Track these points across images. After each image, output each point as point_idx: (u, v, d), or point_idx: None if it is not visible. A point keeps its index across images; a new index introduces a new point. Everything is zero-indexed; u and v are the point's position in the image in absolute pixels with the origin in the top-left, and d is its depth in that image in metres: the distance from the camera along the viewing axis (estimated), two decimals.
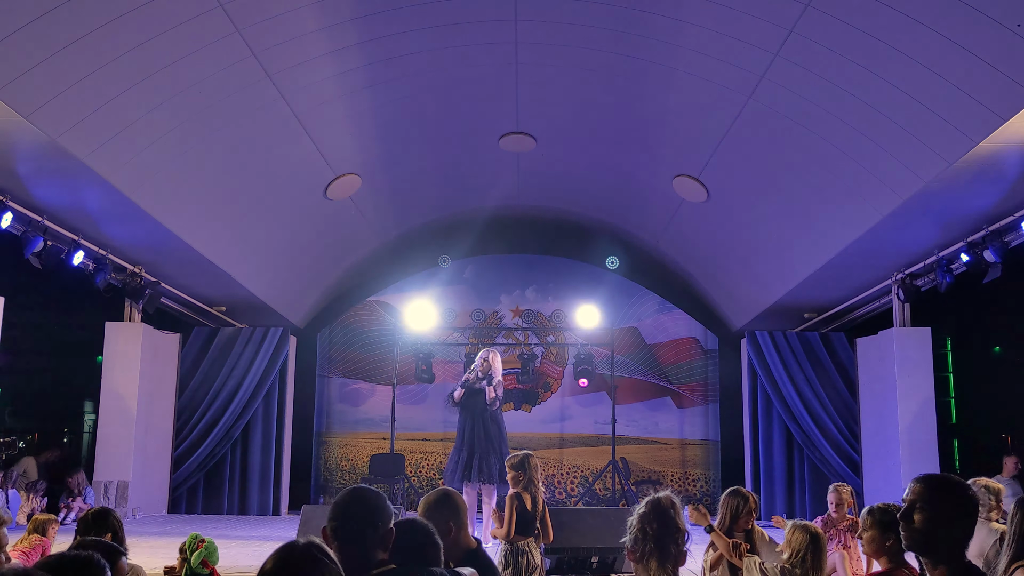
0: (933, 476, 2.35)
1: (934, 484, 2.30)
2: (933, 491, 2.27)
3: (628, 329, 13.66)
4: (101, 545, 2.57)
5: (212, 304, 12.35)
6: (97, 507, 3.56)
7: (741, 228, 10.92)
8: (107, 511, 3.59)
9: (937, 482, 2.31)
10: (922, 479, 2.33)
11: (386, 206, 11.98)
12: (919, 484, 2.30)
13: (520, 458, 5.25)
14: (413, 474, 13.09)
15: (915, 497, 2.27)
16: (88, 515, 3.56)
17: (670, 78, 8.31)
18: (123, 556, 2.65)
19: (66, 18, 5.79)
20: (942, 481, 2.32)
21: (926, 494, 2.26)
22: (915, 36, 6.03)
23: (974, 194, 7.75)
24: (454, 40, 8.13)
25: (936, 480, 2.32)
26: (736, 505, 4.74)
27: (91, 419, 16.02)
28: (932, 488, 2.28)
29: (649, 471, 13.38)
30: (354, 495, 2.59)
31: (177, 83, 7.09)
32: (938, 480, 2.32)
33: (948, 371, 15.04)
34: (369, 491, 2.62)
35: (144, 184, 8.03)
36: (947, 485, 2.30)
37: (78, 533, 3.53)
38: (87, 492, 10.90)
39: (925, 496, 2.26)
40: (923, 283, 10.00)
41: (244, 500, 12.25)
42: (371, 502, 2.56)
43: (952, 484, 2.31)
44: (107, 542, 2.78)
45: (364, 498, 2.58)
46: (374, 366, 13.60)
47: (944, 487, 2.29)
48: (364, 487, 2.66)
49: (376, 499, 2.59)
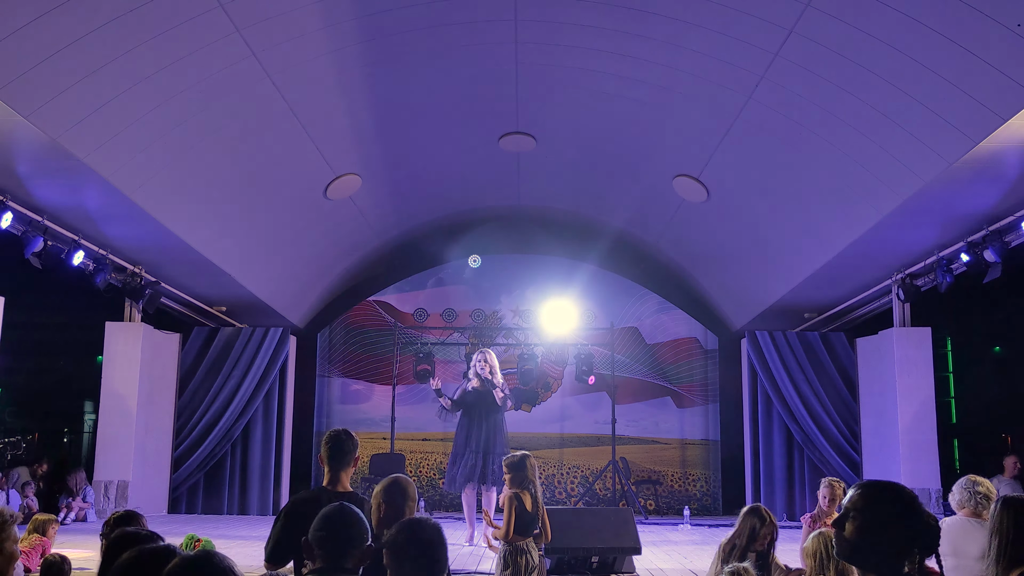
0: (871, 482, 2.25)
1: (869, 490, 2.20)
2: (866, 498, 2.18)
3: (628, 329, 13.66)
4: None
5: (212, 304, 12.35)
6: (123, 510, 3.63)
7: (741, 228, 10.92)
8: (134, 514, 3.64)
9: (872, 488, 2.21)
10: (860, 485, 2.25)
11: (386, 206, 11.99)
12: (855, 490, 2.22)
13: (518, 459, 5.26)
14: (413, 474, 13.09)
15: (850, 504, 2.19)
16: (113, 518, 3.61)
17: (670, 78, 8.31)
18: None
19: (66, 18, 5.79)
20: (877, 487, 2.21)
21: (859, 501, 2.17)
22: (915, 36, 6.03)
23: (974, 194, 7.75)
24: (454, 40, 8.13)
25: (872, 486, 2.22)
26: (753, 525, 4.70)
27: (91, 419, 16.03)
28: (866, 494, 2.18)
29: (649, 471, 13.38)
30: (340, 514, 2.70)
31: (177, 83, 7.09)
32: (874, 486, 2.22)
33: (948, 371, 15.05)
34: (351, 510, 2.74)
35: (144, 184, 8.03)
36: (880, 491, 2.20)
37: (104, 536, 3.57)
38: (87, 492, 10.90)
39: (858, 503, 2.17)
40: (923, 283, 10.00)
41: (244, 500, 12.25)
42: (354, 524, 2.71)
43: (885, 489, 2.20)
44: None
45: (347, 518, 2.71)
46: (374, 366, 13.60)
47: (877, 493, 2.19)
48: (346, 505, 2.75)
49: (358, 521, 2.72)
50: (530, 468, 5.19)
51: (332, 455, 3.83)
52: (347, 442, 3.86)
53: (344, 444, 3.85)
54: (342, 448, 3.84)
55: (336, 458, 3.83)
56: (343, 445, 3.84)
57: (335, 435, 3.88)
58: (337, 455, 3.83)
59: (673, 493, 13.30)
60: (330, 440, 3.87)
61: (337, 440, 3.86)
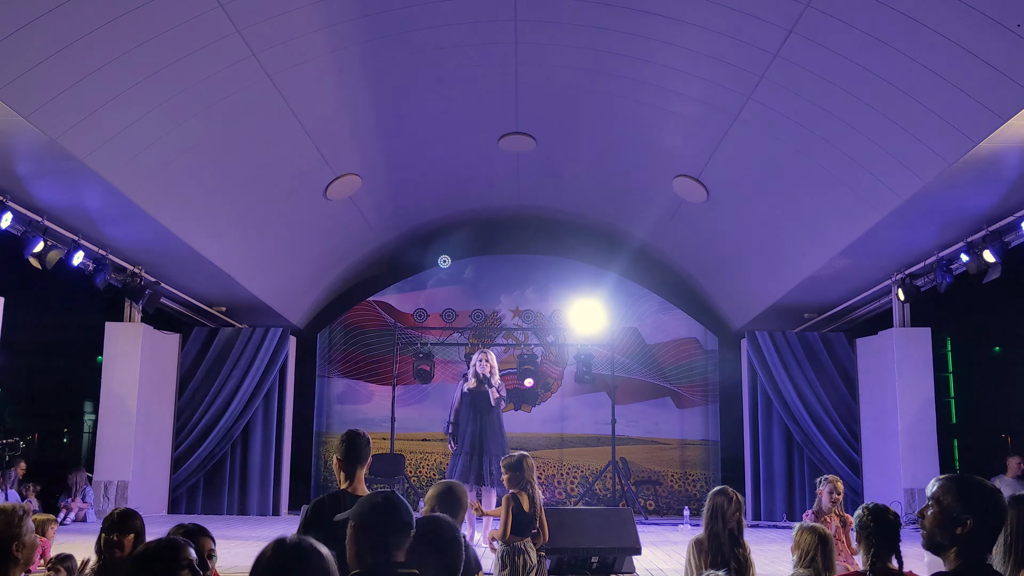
0: (954, 475, 2.49)
1: (950, 483, 2.42)
2: (947, 490, 2.39)
3: (628, 329, 13.66)
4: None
5: (212, 304, 12.35)
6: (122, 508, 3.67)
7: (741, 228, 10.92)
8: (134, 513, 3.69)
9: (954, 481, 2.43)
10: (944, 478, 2.46)
11: (386, 206, 11.99)
12: (939, 483, 2.45)
13: (515, 459, 5.29)
14: (413, 474, 13.09)
15: (931, 496, 2.42)
16: (114, 514, 3.66)
17: (670, 78, 8.31)
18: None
19: (66, 18, 5.79)
20: (958, 480, 2.44)
21: (939, 492, 2.40)
22: (915, 36, 6.03)
23: (974, 194, 7.75)
24: (454, 40, 8.13)
25: (954, 479, 2.44)
26: (721, 504, 4.70)
27: (91, 419, 16.03)
28: (946, 486, 2.40)
29: (649, 471, 13.38)
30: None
31: (177, 83, 7.09)
32: (956, 479, 2.44)
33: (948, 371, 15.06)
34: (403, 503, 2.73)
35: (144, 184, 8.03)
36: (960, 483, 2.41)
37: (103, 531, 3.63)
38: (86, 492, 10.89)
39: (938, 495, 2.39)
40: (923, 283, 10.01)
41: (244, 500, 12.25)
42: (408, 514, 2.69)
43: (964, 482, 2.42)
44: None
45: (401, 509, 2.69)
46: (374, 366, 13.60)
47: (960, 486, 2.40)
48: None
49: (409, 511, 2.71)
50: (527, 469, 5.22)
51: (351, 452, 3.84)
52: (364, 440, 3.90)
53: (362, 441, 3.88)
54: (359, 446, 3.87)
55: (355, 456, 3.85)
56: (361, 442, 3.88)
57: (351, 435, 3.90)
58: (356, 453, 3.85)
59: (673, 493, 13.29)
60: (350, 438, 3.88)
61: (355, 437, 3.88)
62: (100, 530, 3.66)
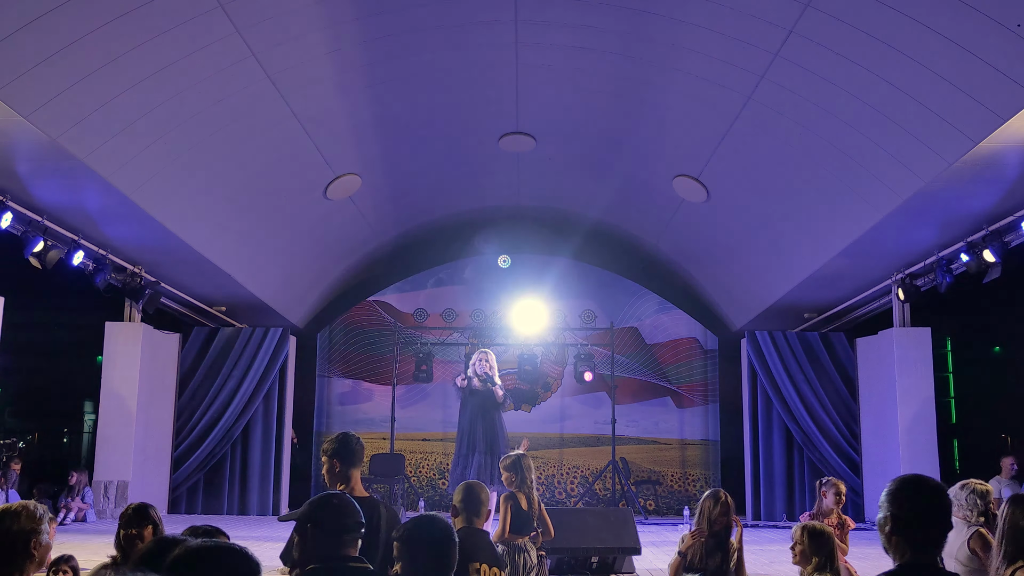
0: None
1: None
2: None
3: (628, 329, 13.66)
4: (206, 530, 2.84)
5: (212, 304, 12.35)
6: (137, 503, 3.71)
7: (741, 228, 10.92)
8: (148, 505, 3.75)
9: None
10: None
11: (386, 206, 11.99)
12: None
13: (513, 459, 5.32)
14: (413, 474, 13.10)
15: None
16: (129, 509, 3.71)
17: (670, 78, 8.31)
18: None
19: (66, 18, 5.79)
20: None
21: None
22: (915, 36, 6.03)
23: (974, 194, 7.75)
24: (454, 40, 8.13)
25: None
26: (707, 507, 4.77)
27: (91, 419, 16.03)
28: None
29: (649, 471, 13.38)
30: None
31: (177, 83, 7.09)
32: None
33: (948, 371, 15.06)
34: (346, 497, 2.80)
35: (144, 184, 8.03)
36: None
37: (121, 528, 3.68)
38: (86, 492, 10.89)
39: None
40: (923, 283, 10.00)
41: (244, 500, 12.25)
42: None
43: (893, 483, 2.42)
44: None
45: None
46: (374, 366, 13.60)
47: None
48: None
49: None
50: (526, 468, 5.25)
51: (346, 453, 3.79)
52: (356, 442, 3.86)
53: (356, 443, 3.84)
54: (353, 447, 3.82)
55: (349, 457, 3.80)
56: (355, 444, 3.84)
57: (346, 436, 3.85)
58: (350, 454, 3.80)
59: (673, 493, 13.29)
60: (344, 440, 3.83)
61: (348, 439, 3.83)
62: (118, 527, 3.71)
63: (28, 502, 3.04)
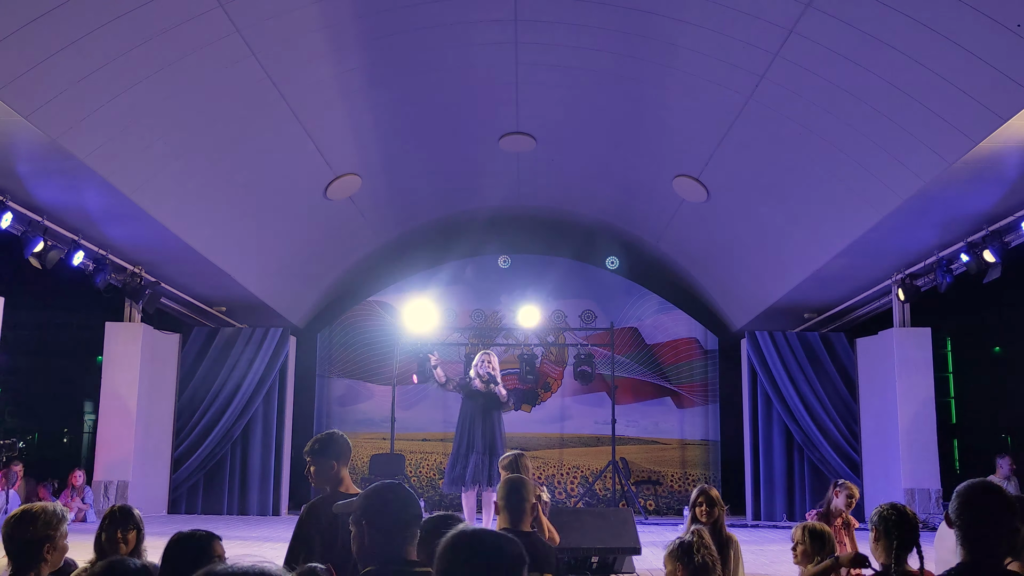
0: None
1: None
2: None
3: (628, 329, 13.66)
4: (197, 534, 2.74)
5: (212, 304, 12.35)
6: (121, 504, 3.66)
7: (741, 228, 10.93)
8: (130, 508, 3.70)
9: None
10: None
11: (386, 206, 11.99)
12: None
13: (511, 459, 5.31)
14: (413, 474, 13.09)
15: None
16: (115, 510, 3.65)
17: (670, 78, 8.31)
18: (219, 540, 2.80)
19: (66, 18, 5.79)
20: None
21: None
22: (915, 36, 6.04)
23: (974, 194, 7.75)
24: (454, 40, 8.13)
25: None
26: (693, 497, 4.78)
27: (91, 419, 16.02)
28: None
29: (649, 471, 13.38)
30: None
31: (177, 83, 7.09)
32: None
33: (948, 371, 15.05)
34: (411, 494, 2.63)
35: (144, 184, 8.03)
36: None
37: (103, 529, 3.63)
38: (86, 492, 10.89)
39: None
40: (923, 283, 10.01)
41: (244, 500, 12.25)
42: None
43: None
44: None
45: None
46: (374, 366, 13.60)
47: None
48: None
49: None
50: (523, 468, 5.24)
51: (341, 456, 3.69)
52: (338, 434, 3.76)
53: (342, 442, 3.74)
54: (344, 447, 3.73)
55: (345, 458, 3.71)
56: (335, 436, 3.73)
57: (327, 433, 3.76)
58: (344, 454, 3.72)
59: (673, 493, 13.29)
60: (322, 439, 3.72)
61: (331, 436, 3.73)
62: (99, 528, 3.64)
63: (47, 504, 3.02)
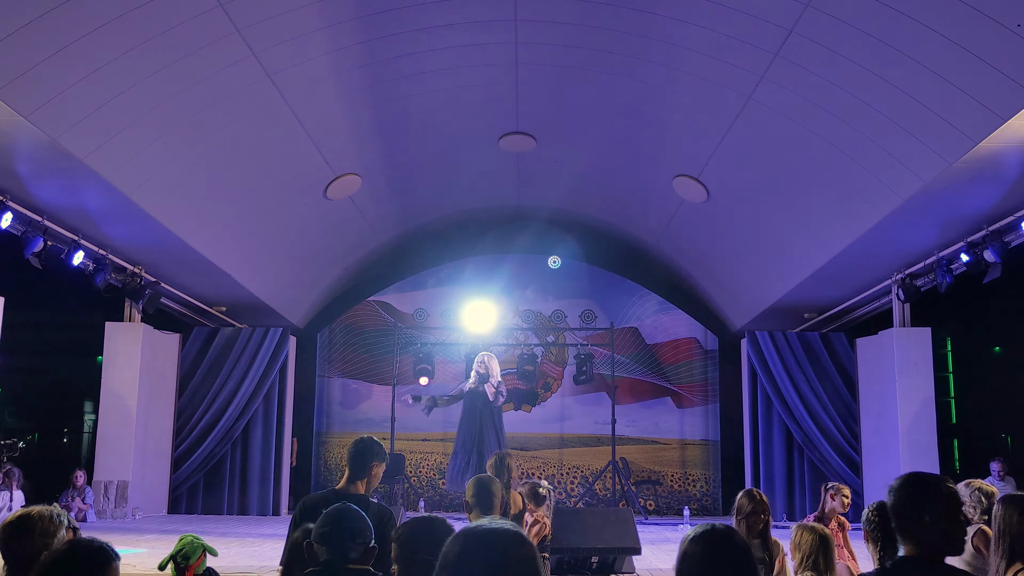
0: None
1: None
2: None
3: (628, 329, 13.66)
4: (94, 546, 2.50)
5: (212, 304, 12.35)
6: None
7: (741, 228, 10.93)
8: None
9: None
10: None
11: (386, 206, 11.99)
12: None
13: (495, 459, 5.34)
14: (413, 474, 13.09)
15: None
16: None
17: (670, 78, 8.32)
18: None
19: (66, 18, 5.79)
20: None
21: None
22: (915, 36, 6.04)
23: (974, 194, 7.75)
24: (454, 40, 8.13)
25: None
26: (740, 505, 4.68)
27: (91, 419, 16.03)
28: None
29: (649, 471, 13.38)
30: (341, 510, 2.75)
31: (177, 83, 7.09)
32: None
33: (948, 371, 15.06)
34: (352, 508, 2.77)
35: (144, 184, 8.03)
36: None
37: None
38: (86, 493, 10.89)
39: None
40: (923, 283, 10.01)
41: (244, 500, 12.25)
42: (356, 519, 2.73)
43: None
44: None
45: (348, 513, 2.74)
46: (374, 366, 13.60)
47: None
48: (347, 504, 2.80)
49: (360, 517, 2.74)
50: (508, 469, 5.27)
51: (352, 459, 3.74)
52: (369, 451, 3.75)
53: (365, 453, 3.74)
54: (361, 455, 3.74)
55: (353, 463, 3.74)
56: (364, 453, 3.74)
57: (360, 441, 3.79)
58: (354, 461, 3.74)
59: (673, 493, 13.29)
60: (354, 445, 3.78)
61: (360, 446, 3.77)
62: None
63: (45, 510, 2.95)
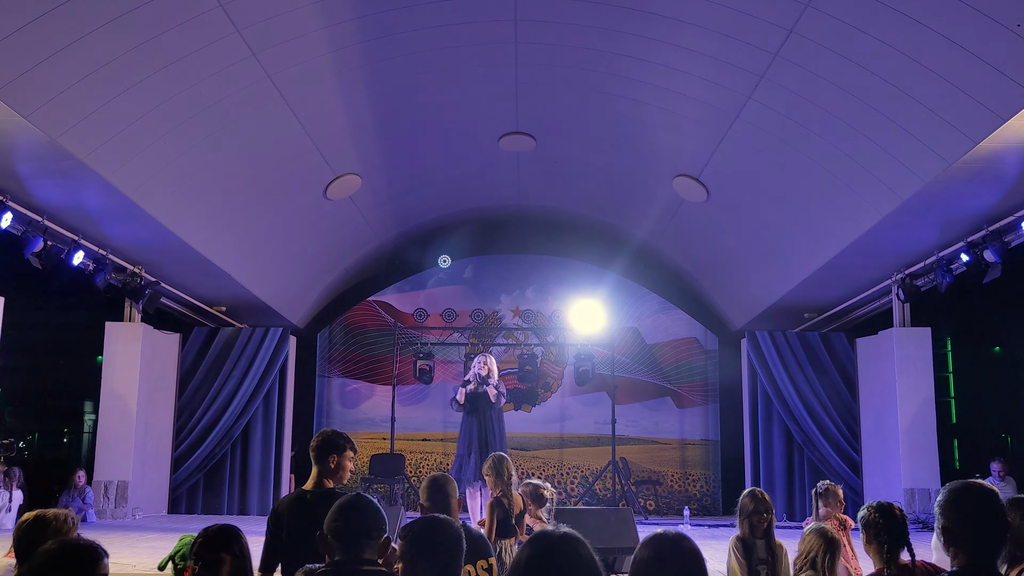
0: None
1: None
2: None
3: (628, 329, 13.66)
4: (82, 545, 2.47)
5: (212, 304, 12.35)
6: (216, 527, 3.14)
7: (741, 228, 10.93)
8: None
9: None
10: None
11: (386, 206, 11.99)
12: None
13: (491, 461, 5.34)
14: (413, 474, 13.09)
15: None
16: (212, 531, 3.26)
17: (670, 78, 8.32)
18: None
19: (66, 18, 5.79)
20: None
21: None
22: (915, 36, 6.04)
23: (974, 194, 7.75)
24: (454, 40, 8.13)
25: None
26: (743, 505, 4.68)
27: (91, 419, 16.02)
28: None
29: (649, 471, 13.38)
30: (356, 503, 2.71)
31: (177, 83, 7.09)
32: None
33: (948, 371, 15.04)
34: (367, 500, 2.73)
35: (144, 184, 8.03)
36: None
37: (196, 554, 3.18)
38: (87, 492, 10.89)
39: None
40: (923, 283, 10.00)
41: (244, 500, 12.25)
42: (372, 514, 2.69)
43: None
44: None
45: (364, 507, 2.70)
46: (374, 366, 13.60)
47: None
48: (362, 495, 2.78)
49: (376, 511, 2.71)
50: (506, 470, 5.27)
51: (313, 458, 3.74)
52: (324, 445, 3.71)
53: (319, 448, 3.71)
54: (318, 451, 3.72)
55: (315, 461, 3.73)
56: (319, 448, 3.72)
57: (316, 436, 3.79)
58: (315, 459, 3.73)
59: (673, 493, 13.30)
60: (312, 441, 3.78)
61: (315, 442, 3.75)
62: (194, 554, 3.06)
63: (60, 512, 2.95)
